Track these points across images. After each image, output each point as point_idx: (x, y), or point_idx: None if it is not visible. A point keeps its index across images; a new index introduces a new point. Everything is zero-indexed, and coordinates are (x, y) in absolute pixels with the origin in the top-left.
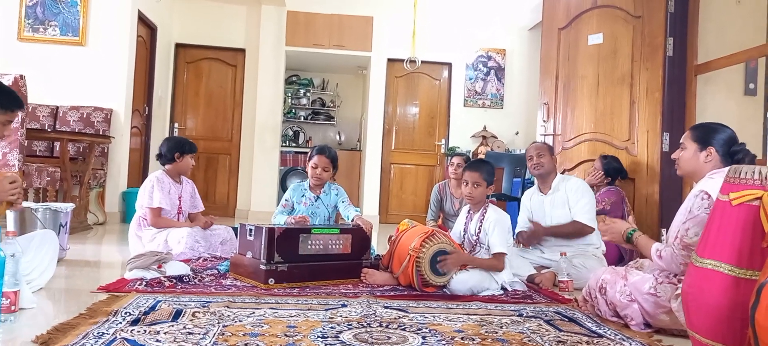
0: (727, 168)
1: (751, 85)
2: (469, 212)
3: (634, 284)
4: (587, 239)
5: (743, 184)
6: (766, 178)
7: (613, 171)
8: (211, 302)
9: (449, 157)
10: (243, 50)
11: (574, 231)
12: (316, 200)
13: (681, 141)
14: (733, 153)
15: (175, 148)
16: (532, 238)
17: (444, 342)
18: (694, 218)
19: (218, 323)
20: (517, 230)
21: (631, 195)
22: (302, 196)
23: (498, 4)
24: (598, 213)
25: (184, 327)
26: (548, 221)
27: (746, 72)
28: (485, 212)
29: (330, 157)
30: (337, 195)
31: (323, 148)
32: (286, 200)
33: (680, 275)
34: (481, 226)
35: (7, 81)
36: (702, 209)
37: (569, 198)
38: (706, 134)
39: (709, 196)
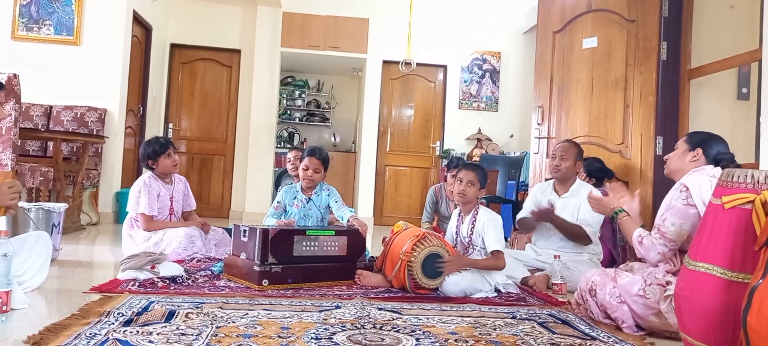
0: (708, 167)
1: (744, 90)
2: (459, 214)
3: (624, 286)
4: (585, 245)
5: (736, 187)
6: (758, 181)
7: (596, 172)
8: (204, 303)
9: (447, 160)
10: (238, 51)
11: (576, 234)
12: (308, 202)
13: (676, 145)
14: (719, 159)
15: (146, 157)
16: (542, 215)
17: (437, 344)
18: (671, 208)
19: (211, 324)
20: (519, 216)
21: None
22: (294, 198)
23: (493, 7)
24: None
25: (177, 328)
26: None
27: (739, 76)
28: (476, 213)
29: (321, 159)
30: (328, 195)
31: (314, 149)
32: (278, 202)
33: (669, 277)
34: (473, 227)
35: (1, 80)
36: (680, 199)
37: (582, 205)
38: (702, 139)
39: (687, 188)
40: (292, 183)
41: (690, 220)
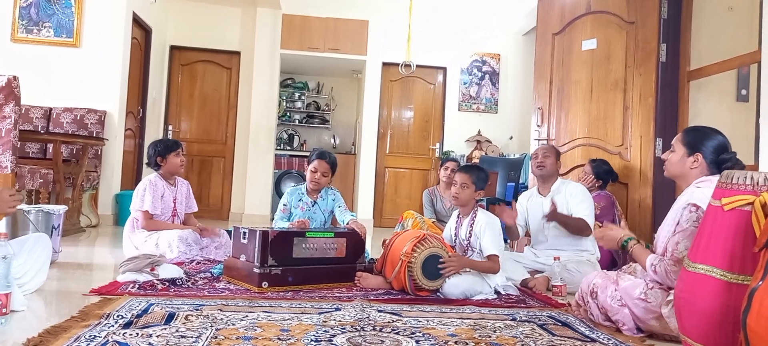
0: (715, 176)
1: (743, 91)
2: (458, 216)
3: (625, 289)
4: (582, 245)
5: (735, 189)
6: (758, 183)
7: (603, 173)
8: (204, 305)
9: (442, 162)
10: (238, 53)
11: (579, 227)
12: (313, 205)
13: (672, 143)
14: (722, 161)
15: (156, 154)
16: (551, 216)
17: None
18: (683, 231)
19: (211, 326)
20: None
21: (623, 200)
22: (299, 200)
23: (493, 8)
24: None
25: (177, 330)
26: (545, 223)
27: (738, 78)
28: (475, 216)
29: (330, 163)
30: (333, 200)
31: (324, 152)
32: (284, 205)
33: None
34: (471, 230)
35: (0, 82)
36: (690, 221)
37: (569, 201)
38: (696, 139)
39: (698, 208)
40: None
41: None
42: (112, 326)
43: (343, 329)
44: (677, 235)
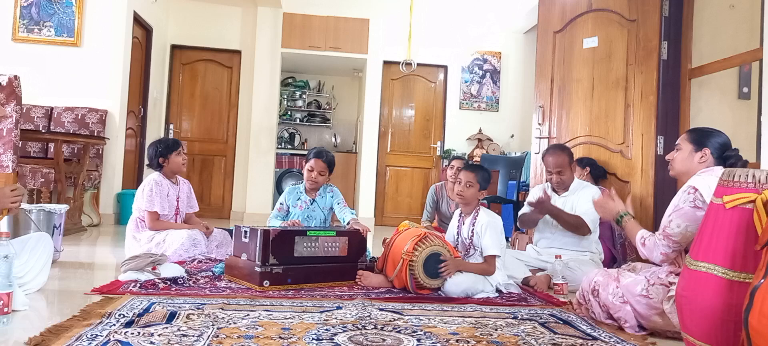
0: (718, 167)
1: (745, 89)
2: (461, 215)
3: (627, 286)
4: (587, 245)
5: (737, 187)
6: (759, 181)
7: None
8: (205, 304)
9: (448, 161)
10: (239, 52)
11: (574, 223)
12: (311, 203)
13: (677, 142)
14: (727, 157)
15: (157, 155)
16: (540, 206)
17: (439, 344)
18: (678, 210)
19: (213, 325)
20: (520, 212)
21: (624, 198)
22: (297, 199)
23: (494, 7)
24: None
25: (179, 329)
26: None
27: (740, 76)
28: (477, 215)
29: (327, 162)
30: (332, 197)
31: (321, 151)
32: (281, 204)
33: (672, 277)
34: (473, 229)
35: (1, 81)
36: (687, 202)
37: (580, 200)
38: (702, 137)
39: (696, 190)
40: (294, 184)
41: (697, 222)
42: (114, 325)
43: (345, 327)
44: (673, 213)
